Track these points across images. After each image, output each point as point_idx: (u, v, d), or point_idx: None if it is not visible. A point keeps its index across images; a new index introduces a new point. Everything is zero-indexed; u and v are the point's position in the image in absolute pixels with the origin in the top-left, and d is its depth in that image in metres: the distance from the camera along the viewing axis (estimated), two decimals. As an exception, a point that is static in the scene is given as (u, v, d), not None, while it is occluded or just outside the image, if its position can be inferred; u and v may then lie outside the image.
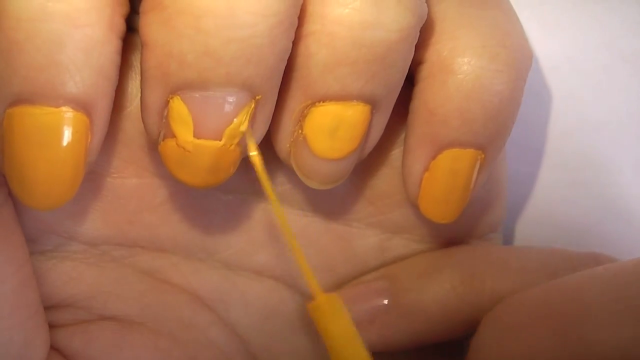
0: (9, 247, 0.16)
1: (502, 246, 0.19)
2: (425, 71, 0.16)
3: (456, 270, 0.17)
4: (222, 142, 0.14)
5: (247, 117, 0.14)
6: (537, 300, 0.15)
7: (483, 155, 0.16)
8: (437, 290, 0.17)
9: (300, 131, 0.15)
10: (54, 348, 0.17)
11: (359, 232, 0.18)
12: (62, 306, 0.17)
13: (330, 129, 0.15)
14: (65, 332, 0.17)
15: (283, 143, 0.16)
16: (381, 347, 0.17)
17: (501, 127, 0.16)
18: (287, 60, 0.15)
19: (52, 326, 0.17)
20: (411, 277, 0.18)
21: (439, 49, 0.15)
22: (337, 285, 0.18)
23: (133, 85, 0.16)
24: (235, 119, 0.14)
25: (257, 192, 0.18)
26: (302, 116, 0.15)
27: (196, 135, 0.14)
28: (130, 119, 0.16)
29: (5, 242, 0.16)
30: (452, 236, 0.19)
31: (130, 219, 0.17)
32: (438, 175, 0.16)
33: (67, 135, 0.14)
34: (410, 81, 0.16)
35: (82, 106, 0.14)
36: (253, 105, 0.14)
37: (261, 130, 0.15)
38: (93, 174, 0.16)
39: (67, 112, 0.14)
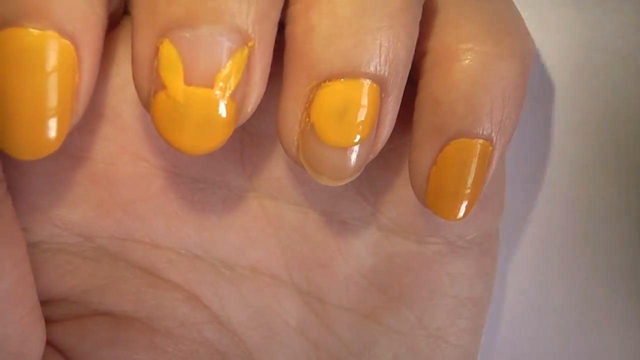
0: (8, 243, 0.16)
1: None
2: (429, 62, 0.15)
3: None
4: (214, 90, 0.14)
5: (241, 65, 0.14)
6: None
7: (491, 147, 0.16)
8: None
9: (307, 119, 0.15)
10: (49, 343, 0.17)
11: (355, 229, 0.18)
12: (57, 300, 0.17)
13: (338, 111, 0.14)
14: (60, 327, 0.17)
15: (290, 135, 0.15)
16: None
17: (508, 115, 0.15)
18: (289, 42, 0.14)
19: (47, 321, 0.17)
20: None
21: (442, 37, 0.15)
22: (331, 281, 0.18)
23: (130, 68, 0.15)
24: (227, 65, 0.14)
25: (253, 187, 0.18)
26: (309, 102, 0.14)
27: (187, 81, 0.14)
28: (126, 103, 0.16)
29: (4, 237, 0.16)
30: (448, 235, 0.18)
31: (124, 208, 0.17)
32: (446, 169, 0.16)
33: (52, 61, 0.13)
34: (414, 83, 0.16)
35: (69, 35, 0.13)
36: (246, 52, 0.14)
37: (257, 90, 0.14)
38: (87, 160, 0.16)
39: (52, 36, 0.13)
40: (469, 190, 0.16)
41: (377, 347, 0.19)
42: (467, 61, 0.15)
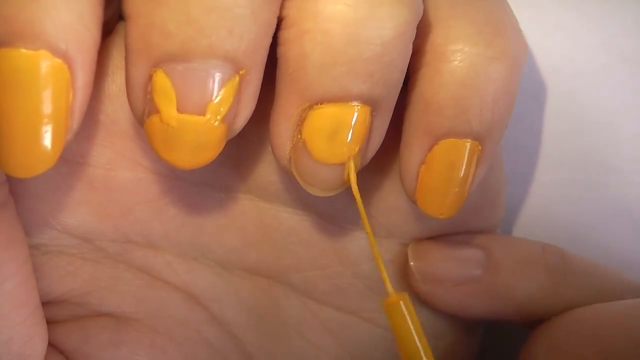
0: (11, 246, 0.16)
1: (583, 257, 0.19)
2: (419, 61, 0.15)
3: (551, 269, 0.17)
4: (206, 118, 0.14)
5: (232, 93, 0.14)
6: (587, 321, 0.16)
7: (480, 147, 0.16)
8: (529, 283, 0.17)
9: (299, 136, 0.15)
10: (51, 344, 0.17)
11: (350, 234, 0.18)
12: (59, 302, 0.18)
13: (329, 131, 0.15)
14: (62, 329, 0.17)
15: (283, 149, 0.15)
16: (455, 310, 0.18)
17: (498, 116, 0.15)
18: (282, 64, 0.14)
19: (49, 322, 0.17)
20: (508, 260, 0.18)
21: (433, 38, 0.15)
22: (328, 283, 0.18)
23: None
24: (219, 94, 0.14)
25: (249, 190, 0.18)
26: (301, 120, 0.15)
27: (180, 109, 0.14)
28: (123, 111, 0.16)
29: (7, 240, 0.16)
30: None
31: (123, 212, 0.17)
32: (435, 168, 0.16)
33: (45, 81, 0.13)
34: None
35: (62, 54, 0.13)
36: (237, 80, 0.14)
37: (248, 109, 0.15)
38: (86, 165, 0.17)
39: (46, 57, 0.13)
40: (457, 189, 0.16)
41: (375, 348, 0.19)
42: (456, 62, 0.15)
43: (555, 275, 0.17)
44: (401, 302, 0.15)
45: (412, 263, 0.18)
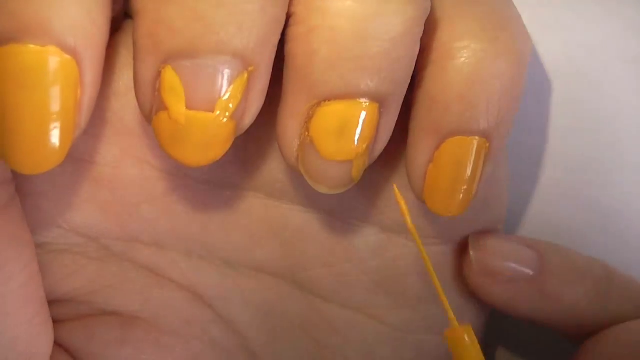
0: (17, 245, 0.16)
1: (624, 273, 0.19)
2: (425, 59, 0.16)
3: (597, 280, 0.18)
4: (214, 114, 0.14)
5: (241, 89, 0.14)
6: (637, 334, 0.16)
7: (487, 144, 0.16)
8: (576, 290, 0.18)
9: (306, 133, 0.15)
10: (57, 343, 0.17)
11: (358, 230, 0.18)
12: (64, 301, 0.18)
13: (337, 129, 0.15)
14: (68, 328, 0.17)
15: (290, 147, 0.15)
16: (502, 306, 0.18)
17: (504, 112, 0.15)
18: (290, 61, 0.15)
19: (55, 321, 0.17)
20: (558, 265, 0.18)
21: (438, 35, 0.15)
22: (335, 281, 0.18)
23: (132, 74, 0.16)
24: (228, 90, 0.14)
25: (256, 188, 0.18)
26: (308, 117, 0.15)
27: (188, 106, 0.14)
28: (129, 108, 0.16)
29: (13, 239, 0.16)
30: (451, 237, 0.19)
31: (129, 210, 0.17)
32: (442, 166, 0.16)
33: (53, 77, 0.13)
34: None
35: (70, 50, 0.13)
36: (246, 77, 0.14)
37: (256, 105, 0.15)
38: (91, 163, 0.17)
39: (54, 53, 0.13)
40: (465, 187, 0.16)
41: (381, 346, 0.19)
42: (462, 59, 0.15)
43: (601, 286, 0.18)
44: (465, 335, 0.15)
45: (472, 253, 0.18)
